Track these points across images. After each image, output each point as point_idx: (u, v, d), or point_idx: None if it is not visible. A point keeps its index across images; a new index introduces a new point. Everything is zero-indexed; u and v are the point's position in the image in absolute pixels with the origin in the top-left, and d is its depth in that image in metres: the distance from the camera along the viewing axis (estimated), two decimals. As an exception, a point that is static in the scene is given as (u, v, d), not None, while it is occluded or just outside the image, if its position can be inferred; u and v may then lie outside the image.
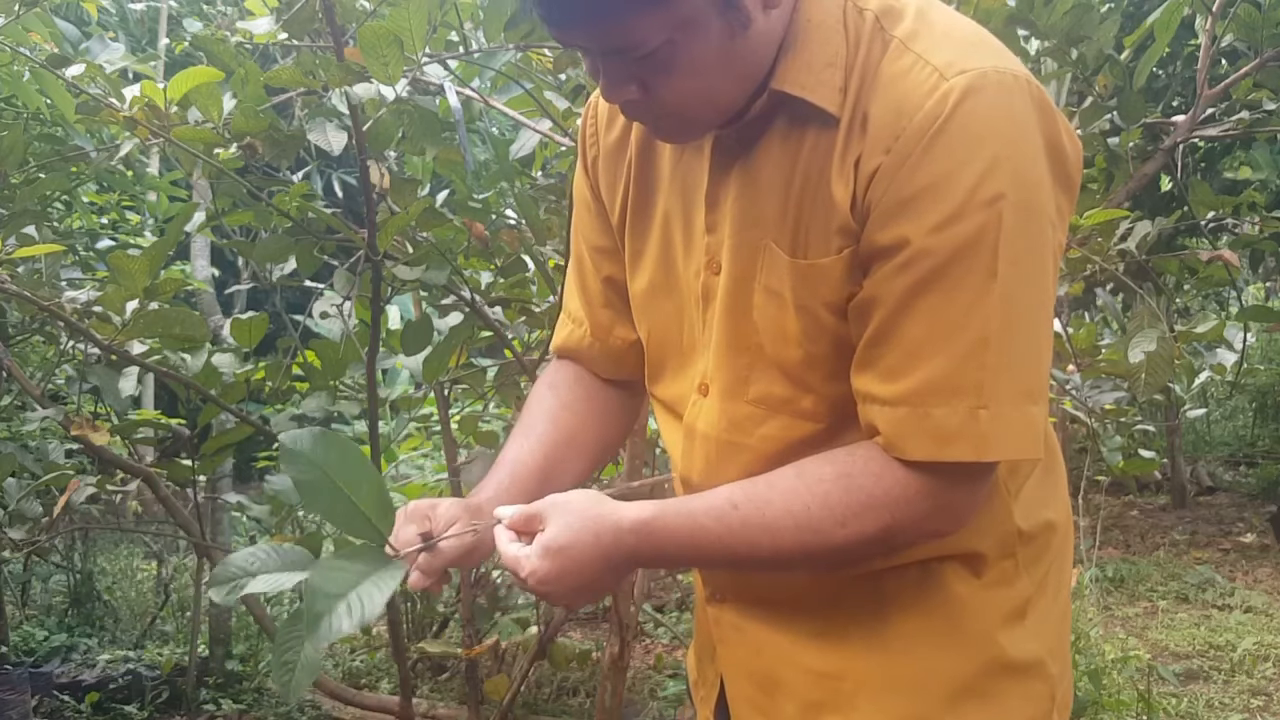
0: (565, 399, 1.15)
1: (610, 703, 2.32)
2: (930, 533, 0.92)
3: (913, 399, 0.87)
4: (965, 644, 0.98)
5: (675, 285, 1.03)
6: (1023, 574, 1.01)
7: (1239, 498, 6.44)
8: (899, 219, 0.85)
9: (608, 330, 1.14)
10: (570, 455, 1.11)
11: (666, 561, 0.95)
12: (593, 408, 1.15)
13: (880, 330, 0.88)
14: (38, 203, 2.31)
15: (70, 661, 3.26)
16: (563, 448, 1.11)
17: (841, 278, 0.90)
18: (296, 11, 1.86)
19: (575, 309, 1.17)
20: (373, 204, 1.87)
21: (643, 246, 1.06)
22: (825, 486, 0.90)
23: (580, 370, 1.17)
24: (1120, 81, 2.22)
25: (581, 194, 1.14)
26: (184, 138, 1.82)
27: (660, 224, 1.04)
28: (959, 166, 0.83)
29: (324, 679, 2.52)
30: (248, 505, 2.51)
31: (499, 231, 2.08)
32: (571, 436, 1.12)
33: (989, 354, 0.85)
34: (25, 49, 2.04)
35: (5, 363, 2.26)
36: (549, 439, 1.10)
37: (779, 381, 0.96)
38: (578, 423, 1.13)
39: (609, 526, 0.90)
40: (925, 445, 0.87)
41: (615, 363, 1.16)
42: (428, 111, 1.87)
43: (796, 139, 0.91)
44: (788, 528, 0.90)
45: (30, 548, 2.61)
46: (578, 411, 1.14)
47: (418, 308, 2.46)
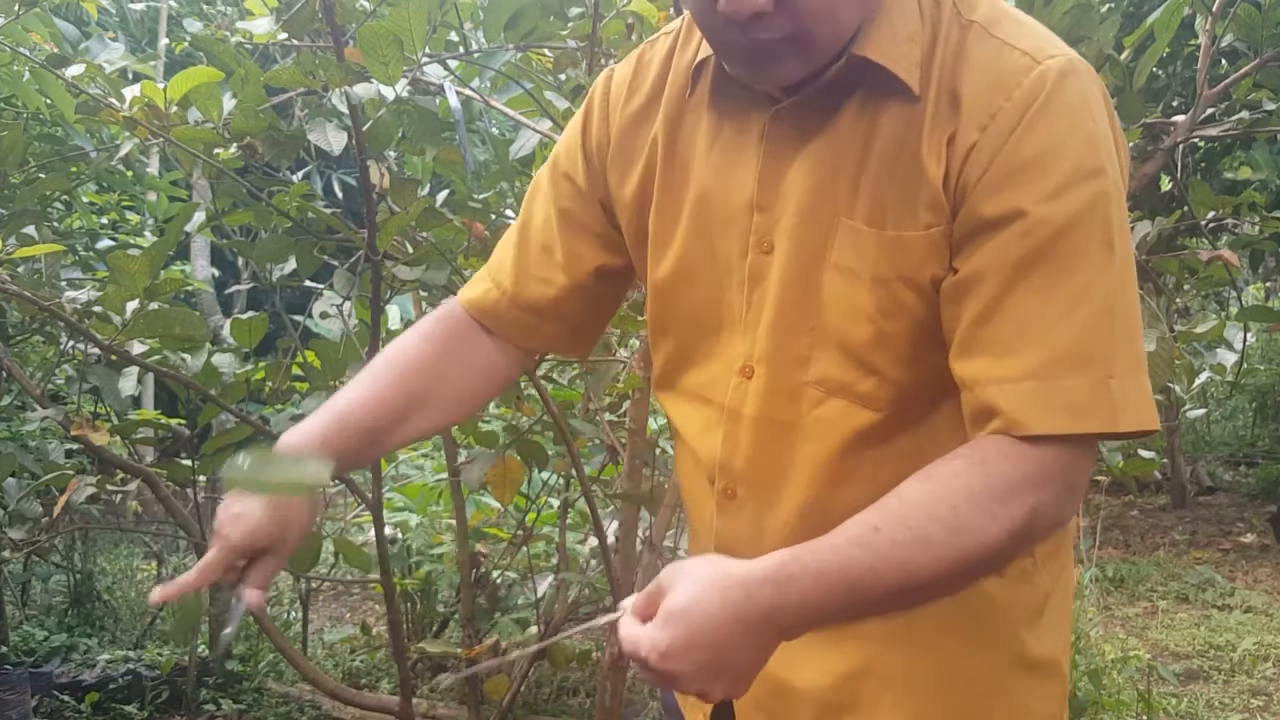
0: (429, 332, 1.12)
1: (610, 703, 2.32)
2: (1064, 517, 0.87)
3: (1040, 372, 0.83)
4: (991, 641, 0.97)
5: (711, 267, 0.99)
6: (1041, 571, 1.00)
7: (1239, 498, 6.44)
8: (1008, 190, 0.84)
9: (531, 303, 1.10)
10: (410, 414, 1.08)
11: (814, 614, 0.81)
12: (456, 352, 1.12)
13: (990, 306, 0.85)
14: (38, 203, 2.31)
15: (70, 661, 3.26)
16: (402, 409, 1.07)
17: (925, 254, 0.88)
18: (296, 12, 1.86)
19: (502, 275, 1.12)
20: (372, 204, 1.87)
21: (670, 230, 1.01)
22: (962, 479, 0.83)
23: (462, 315, 1.13)
24: (1120, 81, 2.22)
25: (565, 165, 1.09)
26: (184, 138, 1.82)
27: (693, 205, 0.99)
28: (1065, 139, 0.84)
29: (324, 679, 2.53)
30: (248, 505, 2.50)
31: (499, 231, 2.08)
32: (420, 398, 1.08)
33: (1114, 323, 0.84)
34: (25, 49, 2.04)
35: (5, 363, 2.26)
36: (388, 398, 1.07)
37: (840, 363, 0.92)
38: (431, 386, 1.09)
39: (737, 581, 0.80)
40: (1058, 418, 0.83)
41: (526, 333, 1.12)
42: (428, 111, 1.87)
43: (872, 113, 0.89)
44: (939, 536, 0.81)
45: (30, 548, 2.61)
46: (439, 376, 1.10)
47: (418, 308, 2.46)
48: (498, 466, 2.14)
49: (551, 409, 2.11)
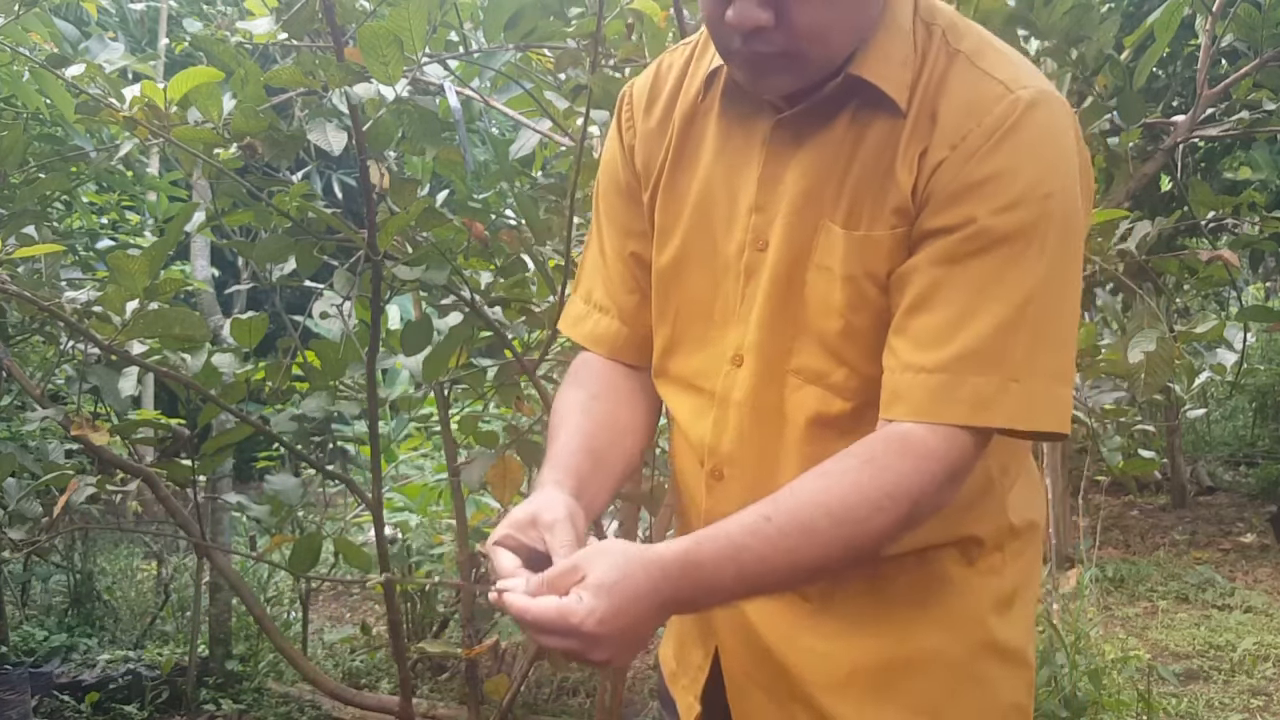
0: (595, 390, 1.14)
1: (610, 703, 2.32)
2: (944, 502, 0.95)
3: (952, 366, 0.92)
4: (960, 627, 1.04)
5: (711, 260, 1.07)
6: (1010, 565, 1.07)
7: (1239, 498, 6.44)
8: (964, 202, 0.92)
9: (635, 315, 1.15)
10: (614, 436, 1.11)
11: (712, 593, 0.92)
12: (623, 394, 1.15)
13: (922, 296, 0.94)
14: (38, 203, 2.31)
15: (70, 661, 3.26)
16: (605, 429, 1.11)
17: (891, 251, 0.96)
18: (296, 12, 1.86)
19: (600, 298, 1.17)
20: (372, 204, 1.87)
21: (673, 223, 1.10)
22: (853, 476, 0.92)
23: (602, 362, 1.17)
24: (1120, 81, 2.22)
25: (615, 178, 1.16)
26: (184, 138, 1.82)
27: (696, 202, 1.08)
28: (1023, 163, 0.92)
29: (324, 679, 2.52)
30: (247, 505, 2.51)
31: (499, 231, 2.08)
32: (612, 420, 1.12)
33: (1035, 331, 0.92)
34: (25, 49, 2.04)
35: (5, 363, 2.26)
36: (587, 429, 1.10)
37: (817, 354, 1.01)
38: (612, 408, 1.13)
39: (653, 561, 0.89)
40: (961, 411, 0.92)
41: (642, 349, 1.16)
42: (428, 111, 1.87)
43: (861, 125, 0.98)
44: (824, 526, 0.91)
45: (30, 548, 2.61)
46: (610, 399, 1.14)
47: (418, 308, 2.46)
48: (497, 466, 2.14)
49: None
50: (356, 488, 2.32)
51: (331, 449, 2.31)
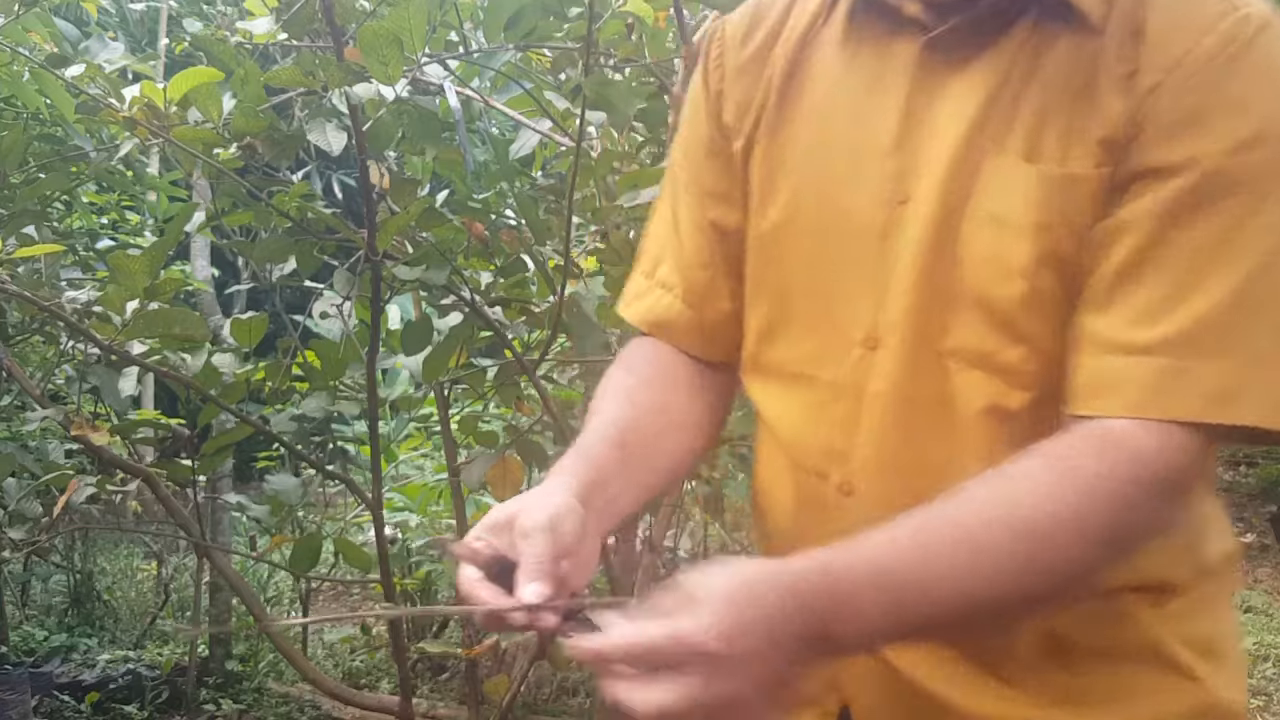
0: (645, 375, 0.95)
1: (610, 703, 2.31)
2: (1159, 523, 0.75)
3: (1178, 346, 0.72)
4: (1170, 686, 0.83)
5: (830, 220, 0.86)
6: (1215, 607, 0.87)
7: (1239, 497, 6.44)
8: (1186, 138, 0.73)
9: (703, 296, 0.95)
10: (661, 426, 0.91)
11: (853, 621, 0.68)
12: (680, 383, 0.95)
13: (1137, 255, 0.74)
14: (38, 203, 2.31)
15: (70, 661, 3.26)
16: (650, 416, 0.91)
17: (1096, 195, 0.76)
18: (296, 12, 1.86)
19: (665, 273, 0.97)
20: (372, 204, 1.87)
21: (777, 177, 0.89)
22: (1042, 481, 0.72)
23: (659, 346, 0.97)
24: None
25: (697, 131, 0.96)
26: (184, 138, 1.82)
27: (809, 150, 0.88)
28: (1260, 93, 0.74)
29: (324, 679, 2.52)
30: (248, 505, 2.51)
31: (499, 231, 2.08)
32: (661, 407, 0.92)
33: (1271, 300, 0.73)
34: (25, 49, 2.04)
35: (5, 363, 2.26)
36: (626, 416, 0.90)
37: (981, 329, 0.79)
38: (662, 397, 0.93)
39: (779, 568, 0.68)
40: (1195, 403, 0.71)
41: (708, 338, 0.96)
42: (428, 111, 1.87)
43: (1038, 44, 0.79)
44: (1002, 543, 0.70)
45: (30, 548, 2.61)
46: (663, 386, 0.94)
47: (417, 308, 2.46)
48: (497, 466, 2.14)
49: (551, 409, 2.11)
50: (356, 488, 2.32)
51: (331, 449, 2.31)
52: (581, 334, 2.04)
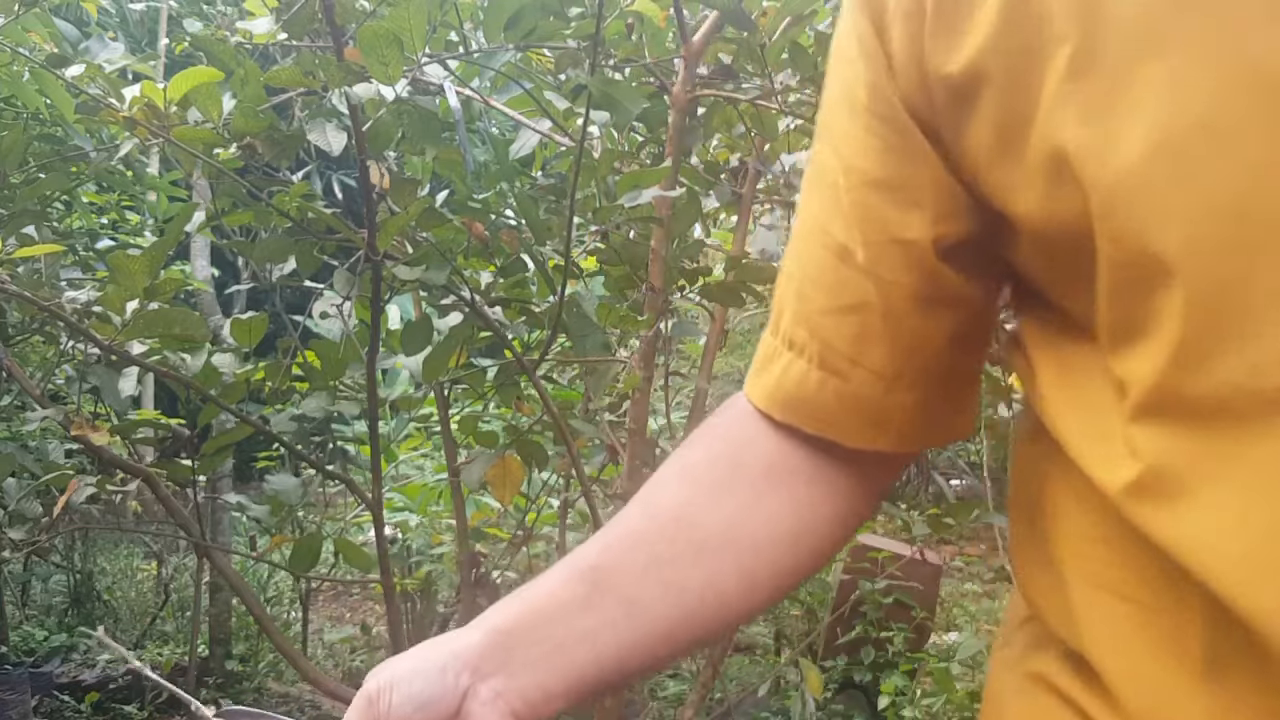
0: (699, 458, 0.66)
1: (610, 702, 2.32)
2: None
3: None
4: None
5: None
6: None
7: (1239, 498, 6.45)
8: None
9: (853, 360, 0.60)
10: (679, 549, 0.62)
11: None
12: (749, 476, 0.64)
13: None
14: (37, 203, 2.31)
15: (70, 661, 3.26)
16: (664, 531, 0.63)
17: None
18: (296, 12, 1.86)
19: (797, 332, 0.62)
20: (372, 204, 1.87)
21: (1116, 106, 0.46)
22: None
23: (763, 427, 0.65)
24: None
25: (875, 103, 0.57)
26: (184, 138, 1.82)
27: (1176, 80, 0.44)
28: None
29: (324, 679, 2.52)
30: (247, 505, 2.51)
31: (499, 231, 2.08)
32: (690, 518, 0.63)
33: None
34: (25, 49, 2.04)
35: (5, 363, 2.26)
36: (622, 531, 0.64)
37: None
38: (704, 499, 0.64)
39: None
40: None
41: (868, 418, 0.61)
42: (428, 112, 1.87)
43: None
44: None
45: (30, 548, 2.61)
46: (712, 483, 0.64)
47: (418, 308, 2.46)
48: (497, 466, 2.14)
49: (551, 409, 2.11)
50: (356, 488, 2.32)
51: (331, 449, 2.30)
52: (581, 334, 2.04)
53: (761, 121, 2.18)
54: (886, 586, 3.25)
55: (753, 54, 2.00)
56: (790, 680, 3.09)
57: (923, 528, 2.46)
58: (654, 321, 2.13)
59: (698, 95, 2.09)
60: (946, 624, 4.12)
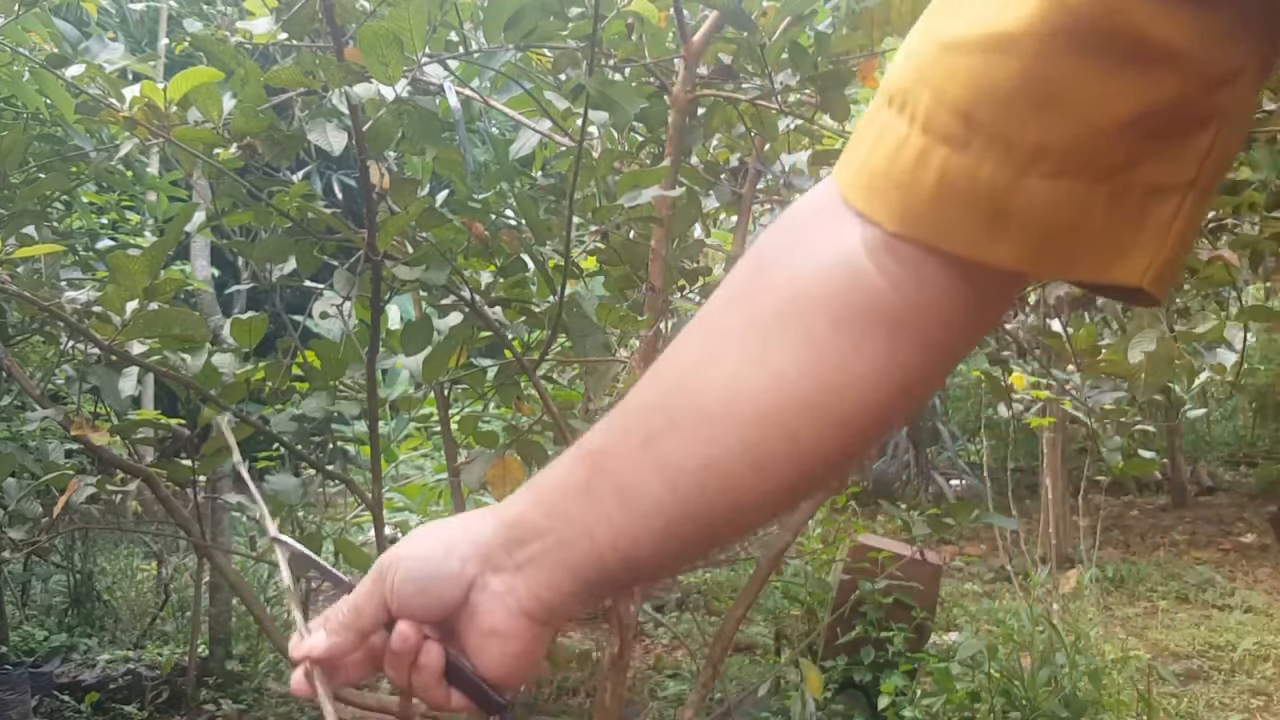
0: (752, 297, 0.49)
1: (610, 703, 2.32)
2: None
3: None
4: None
5: None
6: None
7: (1239, 497, 6.44)
8: None
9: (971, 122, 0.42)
10: (707, 401, 0.48)
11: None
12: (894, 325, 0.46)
13: None
14: (37, 203, 2.31)
15: (70, 661, 3.26)
16: (687, 381, 0.50)
17: None
18: (296, 12, 1.86)
19: (903, 83, 0.44)
20: (372, 204, 1.87)
21: None
22: None
23: (821, 241, 0.47)
24: (1120, 81, 2.21)
25: None
26: (184, 138, 1.82)
27: None
28: None
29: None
30: (248, 505, 2.51)
31: (499, 231, 2.08)
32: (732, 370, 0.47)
33: None
34: (25, 49, 2.04)
35: (5, 363, 2.26)
36: (636, 403, 0.51)
37: None
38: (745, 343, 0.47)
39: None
40: None
41: (985, 211, 0.42)
42: (428, 112, 1.87)
43: None
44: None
45: (30, 548, 2.61)
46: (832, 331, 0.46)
47: (418, 308, 2.46)
48: (497, 466, 2.14)
49: (551, 409, 2.11)
50: (356, 488, 2.32)
51: (331, 449, 2.30)
52: (581, 334, 2.04)
53: (761, 121, 2.18)
54: (886, 586, 3.25)
55: (753, 54, 2.00)
56: (790, 680, 3.09)
57: (923, 528, 2.46)
58: (654, 321, 2.13)
59: (698, 95, 2.09)
60: (946, 624, 4.13)
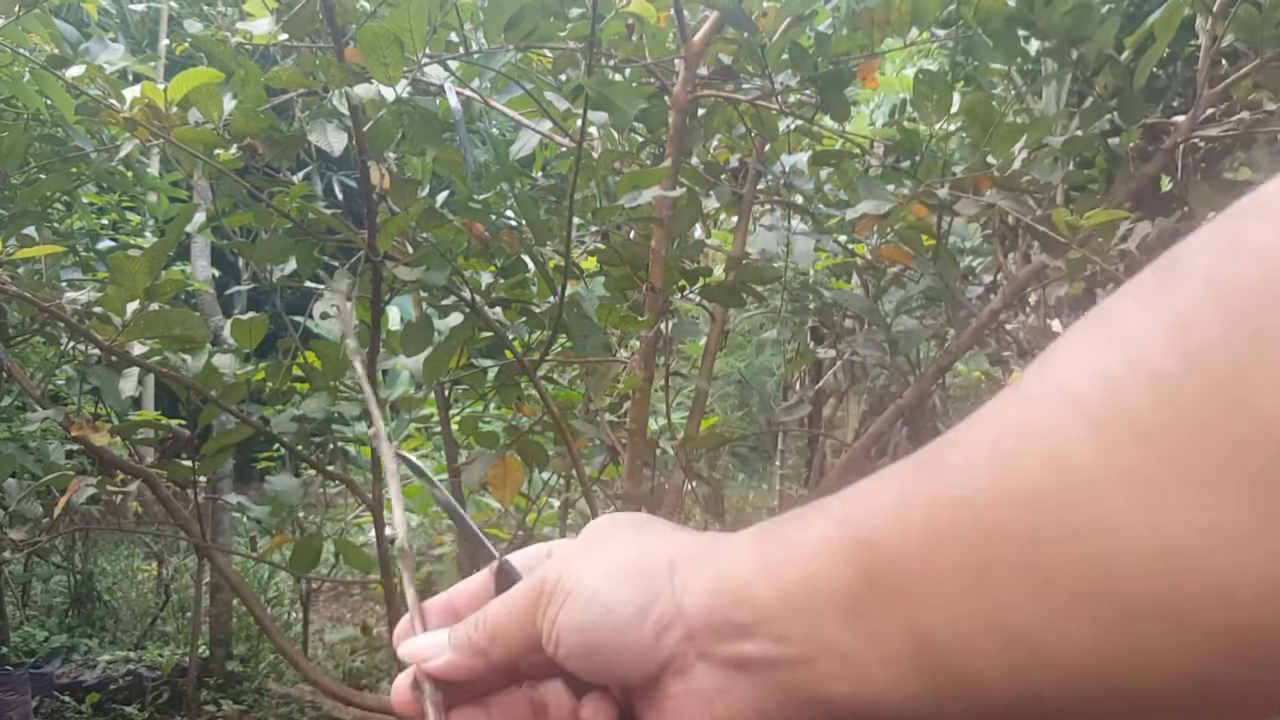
0: None
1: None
2: None
3: None
4: None
5: None
6: None
7: (1239, 498, 6.45)
8: None
9: None
10: None
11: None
12: None
13: None
14: (38, 203, 2.31)
15: (71, 662, 3.27)
16: None
17: None
18: (297, 12, 1.86)
19: None
20: (373, 205, 1.87)
21: None
22: None
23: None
24: (1120, 82, 2.22)
25: None
26: (184, 138, 1.82)
27: None
28: None
29: (325, 679, 2.52)
30: (248, 506, 2.51)
31: (499, 232, 2.08)
32: None
33: None
34: (25, 50, 2.04)
35: (6, 363, 2.26)
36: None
37: None
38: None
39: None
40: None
41: None
42: (428, 112, 1.87)
43: None
44: None
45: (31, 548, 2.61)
46: None
47: (418, 308, 2.46)
48: (498, 467, 2.14)
49: (551, 409, 2.11)
50: (357, 488, 2.32)
51: (332, 449, 2.31)
52: (582, 334, 2.04)
53: (762, 122, 2.18)
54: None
55: (753, 54, 2.00)
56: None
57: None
58: (654, 322, 2.13)
59: (698, 96, 2.09)
60: (947, 624, 4.12)
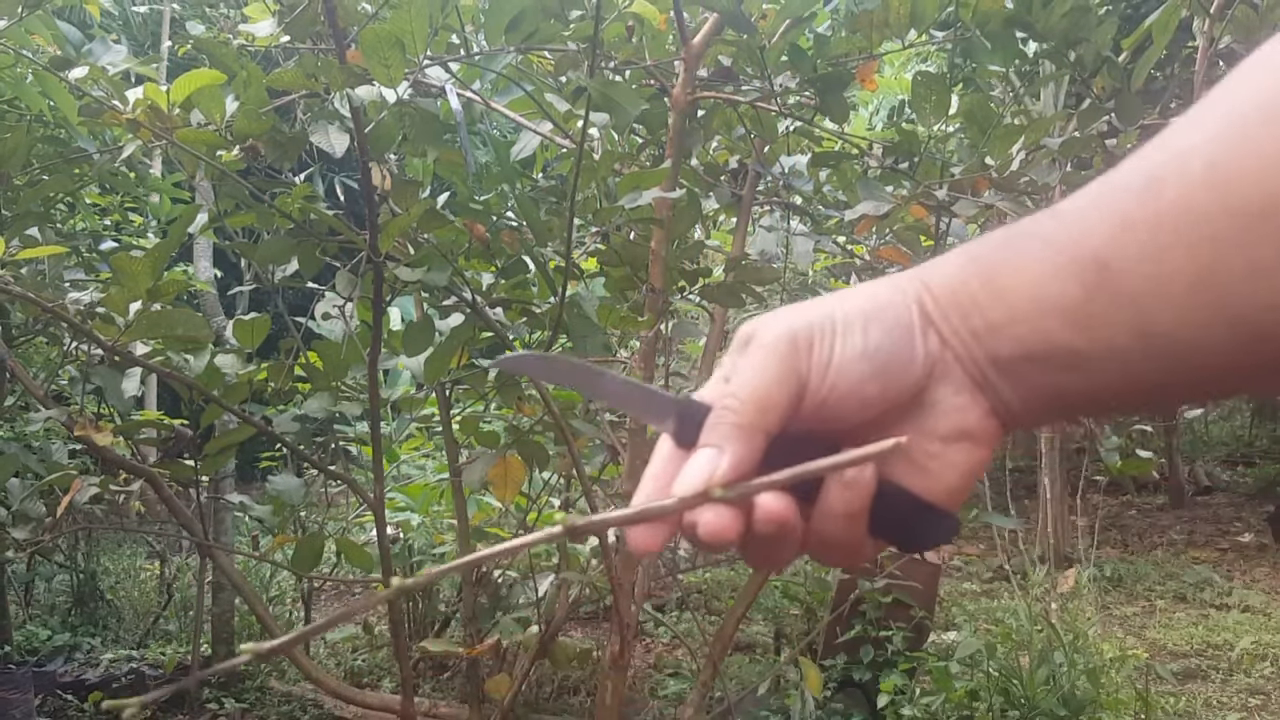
0: None
1: (611, 701, 2.33)
2: None
3: None
4: None
5: None
6: None
7: (1236, 497, 6.45)
8: None
9: None
10: None
11: None
12: None
13: None
14: (41, 204, 2.32)
15: (73, 661, 3.27)
16: None
17: None
18: (299, 14, 1.87)
19: None
20: (374, 206, 1.88)
21: None
22: None
23: None
24: (1118, 83, 2.23)
25: None
26: (187, 140, 1.83)
27: None
28: None
29: (326, 678, 2.53)
30: (250, 505, 2.52)
31: (500, 233, 2.09)
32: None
33: None
34: (28, 51, 2.05)
35: (9, 364, 2.27)
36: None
37: None
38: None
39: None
40: None
41: None
42: (429, 114, 1.88)
43: None
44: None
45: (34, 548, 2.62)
46: None
47: (419, 309, 2.48)
48: (499, 466, 2.15)
49: (552, 409, 2.12)
50: (358, 488, 2.33)
51: (334, 449, 2.32)
52: (582, 334, 2.05)
53: (761, 123, 2.20)
54: (885, 586, 3.26)
55: (752, 56, 2.01)
56: (790, 679, 3.10)
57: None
58: (654, 322, 2.14)
59: (698, 97, 2.10)
60: (945, 623, 4.14)
